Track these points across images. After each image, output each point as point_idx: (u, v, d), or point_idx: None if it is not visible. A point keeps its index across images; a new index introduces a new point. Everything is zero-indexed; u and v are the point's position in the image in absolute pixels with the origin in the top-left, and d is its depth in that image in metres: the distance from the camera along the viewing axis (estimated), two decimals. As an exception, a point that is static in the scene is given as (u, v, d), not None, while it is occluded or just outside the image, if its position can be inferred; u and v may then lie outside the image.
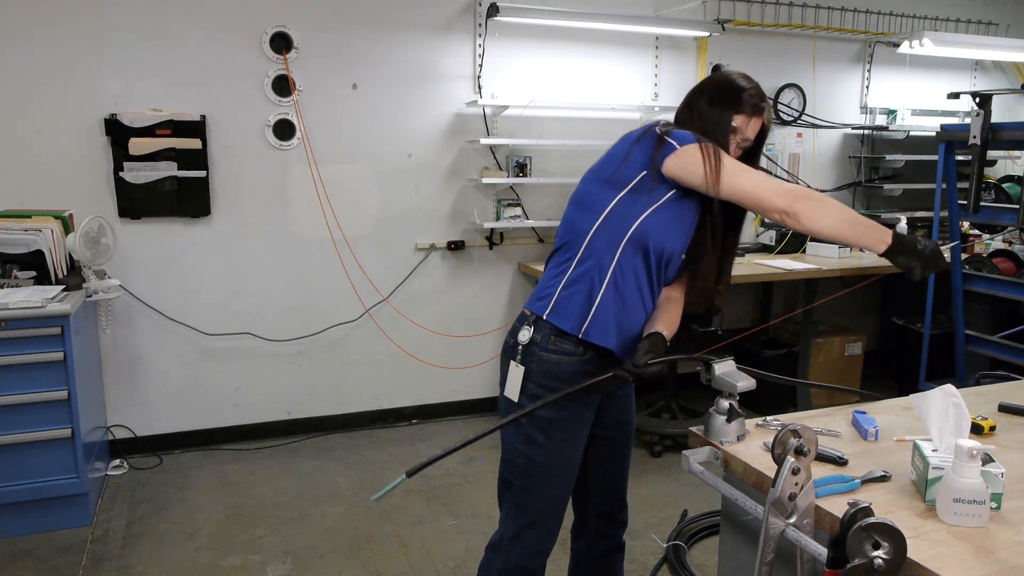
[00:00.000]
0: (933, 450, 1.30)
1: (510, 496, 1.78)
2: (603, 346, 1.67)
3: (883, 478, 1.35)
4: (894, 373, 4.80)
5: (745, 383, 1.51)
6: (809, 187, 4.86)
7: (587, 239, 1.69)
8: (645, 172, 1.64)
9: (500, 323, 4.21)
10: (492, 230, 4.10)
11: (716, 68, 4.51)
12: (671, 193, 1.65)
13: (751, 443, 1.51)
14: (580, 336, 1.66)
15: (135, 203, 3.46)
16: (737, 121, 1.72)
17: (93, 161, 3.40)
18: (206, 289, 3.68)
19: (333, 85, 3.72)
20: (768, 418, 1.63)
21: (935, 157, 3.84)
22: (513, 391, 1.72)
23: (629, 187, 1.65)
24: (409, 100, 3.85)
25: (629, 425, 1.91)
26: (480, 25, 3.90)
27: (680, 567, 2.70)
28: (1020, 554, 1.13)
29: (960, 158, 3.97)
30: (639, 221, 1.64)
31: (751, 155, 1.78)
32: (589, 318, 1.66)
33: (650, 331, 1.66)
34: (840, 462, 1.42)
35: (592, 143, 4.26)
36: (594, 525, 1.95)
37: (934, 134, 3.80)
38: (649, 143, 1.66)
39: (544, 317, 1.70)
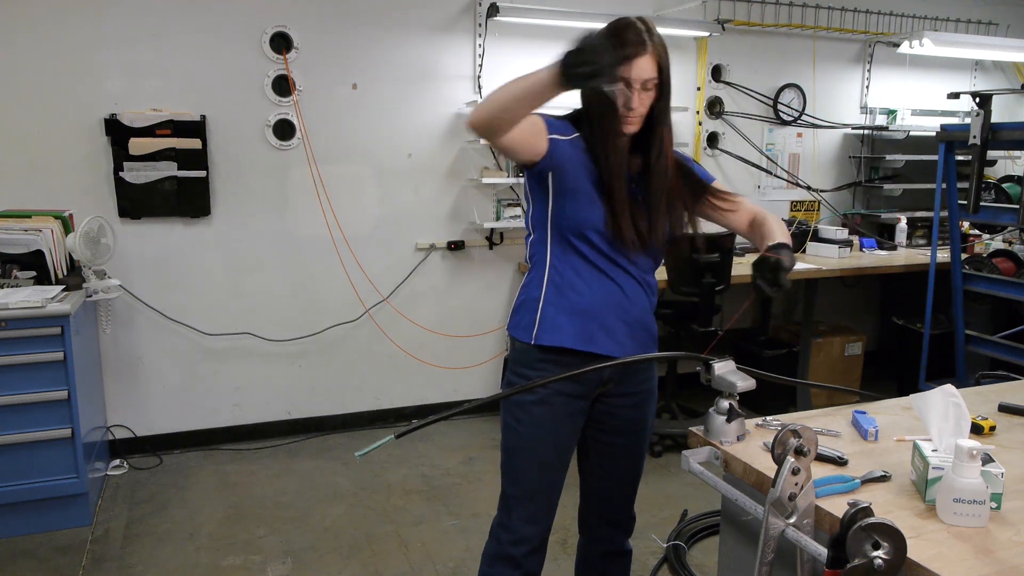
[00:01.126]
0: (933, 450, 1.30)
1: (501, 481, 1.85)
2: (557, 345, 1.72)
3: (883, 478, 1.35)
4: (894, 373, 4.80)
5: (745, 383, 1.51)
6: (811, 188, 4.86)
7: (527, 253, 1.81)
8: (526, 175, 1.75)
9: (500, 323, 4.21)
10: (492, 230, 4.10)
11: (716, 68, 4.51)
12: (550, 177, 1.69)
13: (751, 443, 1.51)
14: (533, 343, 1.73)
15: (135, 203, 3.46)
16: (624, 70, 1.62)
17: (93, 161, 3.40)
18: (206, 289, 3.68)
19: (333, 85, 3.72)
20: (768, 418, 1.63)
21: (935, 157, 3.83)
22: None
23: (529, 196, 1.77)
24: (409, 100, 3.85)
25: (635, 435, 1.86)
26: (480, 25, 3.90)
27: (680, 567, 2.70)
28: (1020, 554, 1.13)
29: (960, 158, 3.97)
30: (549, 219, 1.71)
31: (662, 98, 1.67)
32: (536, 325, 1.73)
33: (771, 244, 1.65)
34: (840, 462, 1.42)
35: (592, 143, 4.26)
36: (593, 525, 1.95)
37: (934, 134, 3.80)
38: None
39: (507, 328, 1.83)
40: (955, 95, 3.82)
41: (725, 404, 1.51)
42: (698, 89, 4.46)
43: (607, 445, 1.85)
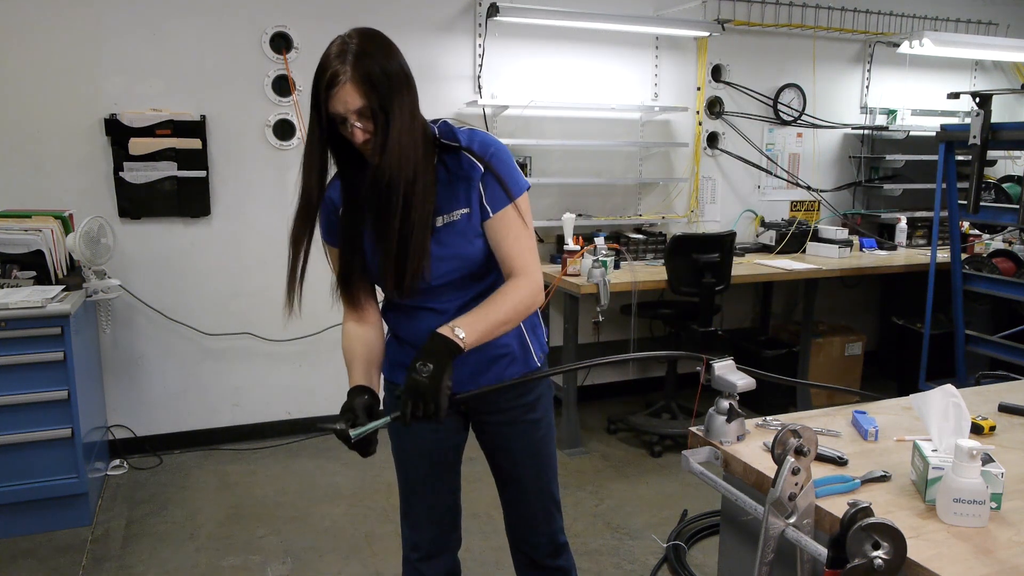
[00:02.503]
0: (933, 450, 1.30)
1: None
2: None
3: (883, 478, 1.35)
4: (894, 373, 4.80)
5: (745, 383, 1.51)
6: (811, 188, 4.86)
7: None
8: None
9: (500, 323, 4.20)
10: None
11: (716, 68, 4.51)
12: None
13: (751, 443, 1.51)
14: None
15: (135, 203, 3.46)
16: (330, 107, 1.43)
17: (93, 161, 3.40)
18: (206, 289, 3.68)
19: (333, 85, 3.71)
20: (768, 418, 1.62)
21: (935, 157, 3.83)
22: None
23: None
24: (409, 100, 3.84)
25: (515, 456, 1.76)
26: (480, 25, 3.90)
27: (680, 567, 2.70)
28: (1020, 554, 1.13)
29: (960, 158, 3.97)
30: None
31: (384, 123, 1.44)
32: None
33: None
34: (840, 462, 1.42)
35: (592, 143, 4.26)
36: (510, 540, 1.90)
37: (934, 134, 3.80)
38: None
39: None
40: (955, 95, 3.82)
41: (725, 404, 1.51)
42: (698, 89, 4.46)
43: (494, 467, 1.82)
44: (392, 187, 1.42)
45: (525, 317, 1.54)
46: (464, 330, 1.42)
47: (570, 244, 3.80)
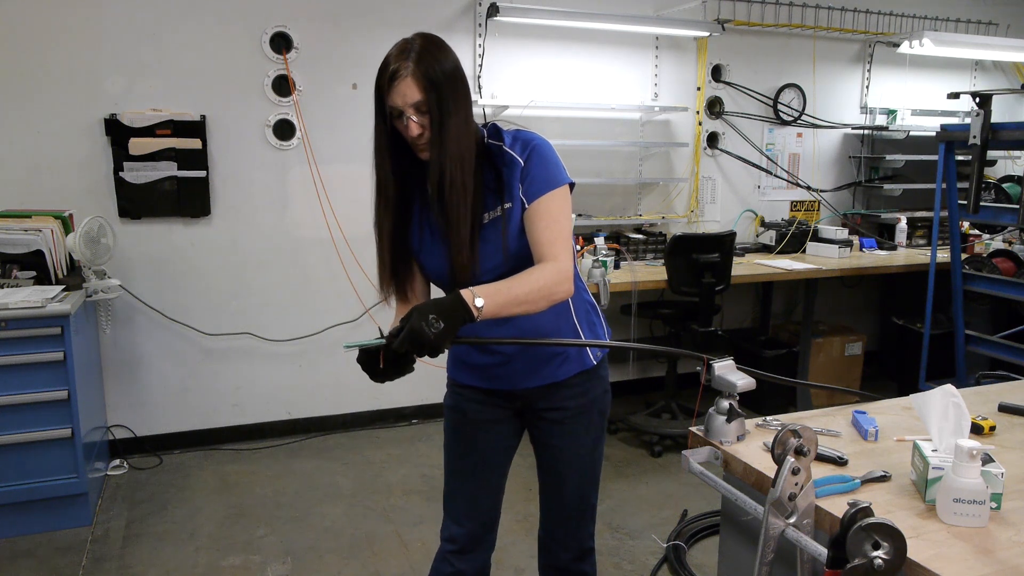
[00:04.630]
0: (933, 450, 1.30)
1: None
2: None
3: (883, 478, 1.35)
4: (894, 373, 4.80)
5: (745, 383, 1.51)
6: (811, 188, 4.86)
7: None
8: None
9: (500, 323, 4.20)
10: (492, 230, 4.09)
11: (716, 68, 4.51)
12: None
13: (751, 443, 1.51)
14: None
15: (135, 203, 3.46)
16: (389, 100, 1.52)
17: (93, 161, 3.40)
18: (206, 289, 3.68)
19: (333, 85, 3.72)
20: (768, 418, 1.63)
21: (935, 157, 3.83)
22: None
23: None
24: (409, 100, 3.84)
25: (562, 455, 1.78)
26: (480, 25, 3.90)
27: (680, 567, 2.70)
28: (1020, 554, 1.13)
29: (960, 158, 3.96)
30: None
31: (439, 120, 1.50)
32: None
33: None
34: (840, 462, 1.42)
35: (592, 143, 4.26)
36: (540, 544, 1.90)
37: (934, 134, 3.80)
38: None
39: None
40: (955, 95, 3.82)
41: (725, 404, 1.51)
42: (698, 89, 4.46)
43: (539, 463, 1.83)
44: (448, 183, 1.50)
45: (549, 301, 1.50)
46: (484, 300, 1.41)
47: (570, 244, 3.80)
